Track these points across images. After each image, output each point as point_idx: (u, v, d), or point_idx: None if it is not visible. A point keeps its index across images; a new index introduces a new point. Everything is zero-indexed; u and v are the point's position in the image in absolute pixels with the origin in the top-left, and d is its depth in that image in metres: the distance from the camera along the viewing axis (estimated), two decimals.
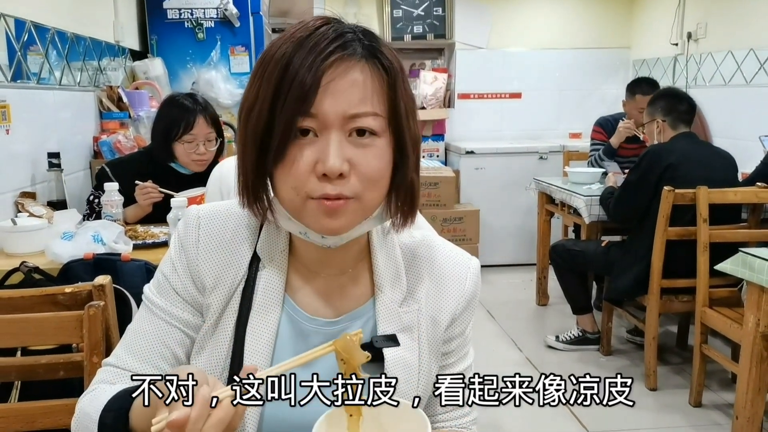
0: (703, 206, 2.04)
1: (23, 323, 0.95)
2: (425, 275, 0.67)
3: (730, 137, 3.07)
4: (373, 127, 0.56)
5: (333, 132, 0.55)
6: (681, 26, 3.45)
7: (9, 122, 1.67)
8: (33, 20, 1.84)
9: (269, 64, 0.56)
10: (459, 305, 0.68)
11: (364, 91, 0.56)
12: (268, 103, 0.55)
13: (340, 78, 0.55)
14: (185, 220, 0.67)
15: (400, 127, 0.59)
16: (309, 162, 0.56)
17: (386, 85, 0.57)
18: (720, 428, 2.00)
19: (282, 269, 0.64)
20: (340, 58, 0.55)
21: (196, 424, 0.45)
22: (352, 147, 0.56)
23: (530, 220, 3.44)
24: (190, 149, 1.78)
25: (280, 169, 0.57)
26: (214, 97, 2.79)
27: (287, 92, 0.54)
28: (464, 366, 0.70)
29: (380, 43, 0.59)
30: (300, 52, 0.55)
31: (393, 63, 0.58)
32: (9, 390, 1.14)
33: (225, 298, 0.64)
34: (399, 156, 0.60)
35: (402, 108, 0.58)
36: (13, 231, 1.49)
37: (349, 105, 0.55)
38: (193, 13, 2.85)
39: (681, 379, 2.32)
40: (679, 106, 2.28)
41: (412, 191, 0.61)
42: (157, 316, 0.65)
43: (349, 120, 0.55)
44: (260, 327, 0.63)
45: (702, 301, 2.05)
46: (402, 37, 3.83)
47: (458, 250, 0.70)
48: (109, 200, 1.66)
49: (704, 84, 3.29)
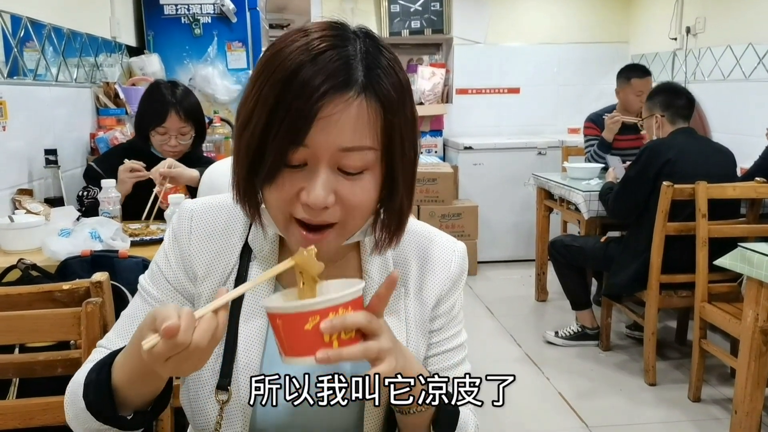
0: (702, 201, 2.04)
1: (21, 320, 0.95)
2: (412, 260, 0.68)
3: (729, 132, 3.07)
4: (364, 164, 0.56)
5: (322, 165, 0.55)
6: (680, 21, 3.44)
7: (5, 119, 1.66)
8: (29, 16, 1.83)
9: (268, 80, 0.55)
10: (445, 286, 0.69)
11: (359, 125, 0.55)
12: (260, 127, 0.55)
13: (337, 113, 0.54)
14: (179, 213, 0.69)
15: (393, 157, 0.58)
16: (295, 188, 0.56)
17: (383, 116, 0.56)
18: (719, 423, 2.00)
19: (273, 259, 0.66)
20: (339, 92, 0.53)
21: (186, 332, 0.49)
22: (339, 178, 0.56)
23: (529, 215, 3.44)
24: (161, 141, 1.82)
25: (267, 189, 0.58)
26: (211, 93, 2.79)
27: (281, 121, 0.53)
28: (455, 344, 0.70)
29: (383, 67, 0.56)
30: (298, 79, 0.53)
31: (391, 92, 0.56)
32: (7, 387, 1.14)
33: (216, 287, 0.65)
34: (390, 183, 0.60)
35: (397, 137, 0.57)
36: (11, 228, 1.48)
37: (342, 140, 0.54)
38: (189, 8, 2.83)
39: (680, 374, 2.32)
40: (677, 101, 2.28)
41: (400, 214, 0.61)
42: (149, 304, 0.67)
43: (341, 153, 0.55)
44: (253, 314, 0.64)
45: (701, 296, 2.05)
46: (399, 33, 3.82)
47: (444, 235, 0.71)
48: (106, 197, 1.66)
49: (703, 79, 3.28)
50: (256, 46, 2.95)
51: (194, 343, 0.49)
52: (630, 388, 2.24)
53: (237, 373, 0.63)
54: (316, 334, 0.51)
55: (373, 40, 0.57)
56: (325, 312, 0.52)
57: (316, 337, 0.51)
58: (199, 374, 0.64)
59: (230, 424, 0.63)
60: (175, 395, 0.96)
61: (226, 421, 0.63)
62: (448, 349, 0.69)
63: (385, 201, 0.61)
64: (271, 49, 0.57)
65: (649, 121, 2.36)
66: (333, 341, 0.52)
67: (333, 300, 0.52)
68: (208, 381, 0.64)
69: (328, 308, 0.52)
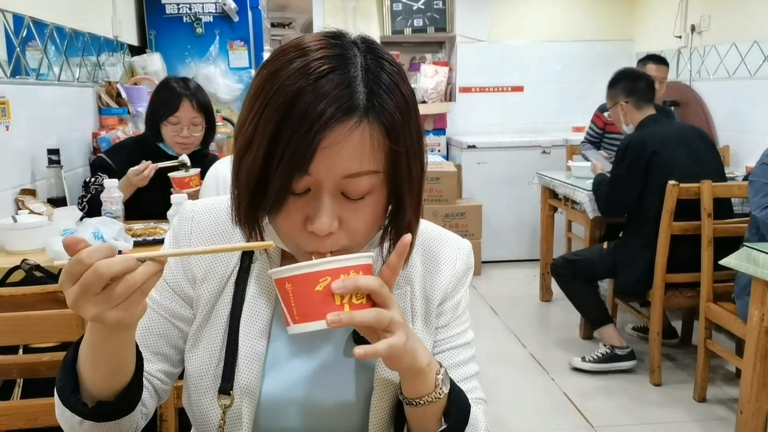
0: (707, 201, 2.02)
1: (25, 321, 0.94)
2: (417, 259, 0.68)
3: (734, 130, 3.05)
4: (368, 188, 0.55)
5: (325, 192, 0.54)
6: (684, 18, 3.42)
7: (9, 118, 1.66)
8: (31, 16, 1.83)
9: (269, 101, 0.53)
10: (450, 283, 0.68)
11: (363, 152, 0.53)
12: (262, 154, 0.53)
13: (339, 141, 0.52)
14: (180, 214, 0.68)
15: (399, 179, 0.57)
16: (300, 218, 0.56)
17: (387, 140, 0.54)
18: (724, 423, 1.99)
19: (275, 259, 0.65)
20: (342, 120, 0.52)
21: (92, 252, 0.48)
22: (344, 203, 0.56)
23: (533, 215, 3.43)
24: (174, 132, 1.82)
25: (273, 217, 0.57)
26: (213, 92, 2.78)
27: (283, 150, 0.52)
28: (461, 341, 0.69)
29: (386, 85, 0.54)
30: (299, 106, 0.51)
31: (395, 114, 0.54)
32: (11, 388, 1.14)
33: (216, 290, 0.64)
34: (396, 202, 0.59)
35: (403, 158, 0.56)
36: (14, 228, 1.48)
37: (345, 167, 0.53)
38: (191, 7, 2.83)
39: (685, 374, 2.32)
40: (638, 84, 2.27)
41: (408, 230, 0.60)
42: (150, 307, 0.66)
43: (344, 180, 0.54)
44: (254, 316, 0.63)
45: (706, 296, 2.04)
46: (402, 31, 3.81)
47: (449, 233, 0.71)
48: (108, 197, 1.66)
49: (708, 77, 3.26)
50: (258, 44, 2.95)
51: (97, 265, 0.47)
52: (635, 388, 2.23)
53: (239, 377, 0.62)
54: (327, 295, 0.50)
55: (373, 54, 0.55)
56: (336, 273, 0.50)
57: (326, 299, 0.50)
58: (200, 378, 0.64)
59: (233, 428, 0.62)
60: (177, 396, 0.96)
61: (229, 425, 0.62)
62: (454, 346, 0.68)
63: (391, 217, 0.60)
64: (269, 66, 0.55)
65: (615, 110, 2.35)
66: (344, 305, 0.50)
67: (344, 260, 0.51)
68: (210, 385, 0.63)
69: (338, 269, 0.51)
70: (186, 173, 1.77)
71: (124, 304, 0.49)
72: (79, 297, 0.48)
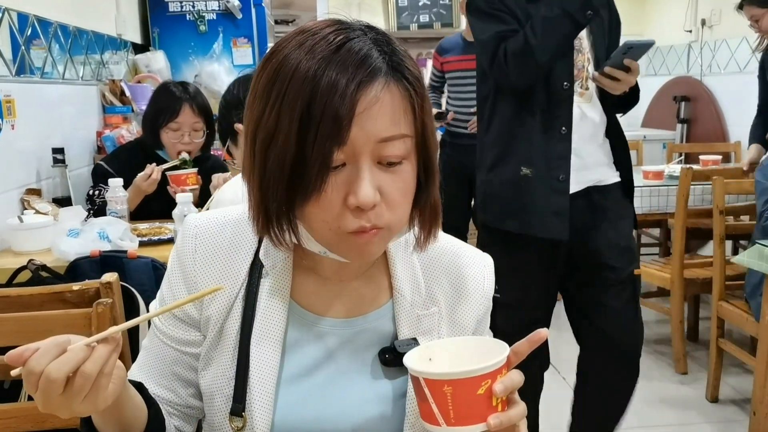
0: (719, 196, 2.00)
1: (32, 321, 0.94)
2: (443, 277, 0.66)
3: (745, 125, 3.01)
4: (403, 152, 0.55)
5: (363, 160, 0.53)
6: (695, 13, 3.38)
7: (14, 117, 1.65)
8: (36, 14, 1.82)
9: (288, 85, 0.52)
10: (482, 305, 0.67)
11: (393, 114, 0.53)
12: (294, 132, 0.52)
13: (372, 104, 0.52)
14: (183, 231, 0.65)
15: (427, 145, 0.57)
16: (341, 194, 0.53)
17: (413, 102, 0.55)
18: (738, 424, 1.97)
19: (287, 274, 0.62)
20: (370, 82, 0.52)
21: (40, 358, 0.47)
22: (380, 173, 0.54)
23: None
24: (175, 138, 1.79)
25: (311, 204, 0.54)
26: (217, 90, 2.76)
27: (318, 123, 0.51)
28: None
29: (401, 54, 0.55)
30: (326, 77, 0.51)
31: (418, 77, 0.55)
32: (19, 389, 1.13)
33: (225, 308, 0.62)
34: (424, 175, 0.58)
35: (429, 120, 0.57)
36: (20, 229, 1.48)
37: (380, 130, 0.53)
38: (194, 5, 2.82)
39: (696, 372, 2.29)
40: None
41: (436, 210, 0.60)
42: (157, 338, 0.65)
43: (379, 144, 0.53)
44: (266, 333, 0.61)
45: (718, 294, 2.02)
46: (408, 27, 3.78)
47: (471, 248, 0.69)
48: (113, 197, 1.65)
49: (719, 71, 3.22)
50: (262, 42, 2.93)
51: (47, 372, 0.46)
52: (646, 388, 2.20)
53: (251, 398, 0.59)
54: (487, 398, 0.51)
55: (377, 32, 0.56)
56: (494, 375, 0.51)
57: (487, 401, 0.51)
58: (211, 399, 0.62)
59: None
60: None
61: None
62: None
63: (421, 192, 0.59)
64: (276, 56, 0.54)
65: None
66: (498, 405, 0.52)
67: (500, 362, 0.51)
68: (222, 406, 0.61)
69: (497, 370, 0.51)
70: (183, 171, 1.73)
71: (91, 394, 0.48)
72: (46, 403, 0.48)
